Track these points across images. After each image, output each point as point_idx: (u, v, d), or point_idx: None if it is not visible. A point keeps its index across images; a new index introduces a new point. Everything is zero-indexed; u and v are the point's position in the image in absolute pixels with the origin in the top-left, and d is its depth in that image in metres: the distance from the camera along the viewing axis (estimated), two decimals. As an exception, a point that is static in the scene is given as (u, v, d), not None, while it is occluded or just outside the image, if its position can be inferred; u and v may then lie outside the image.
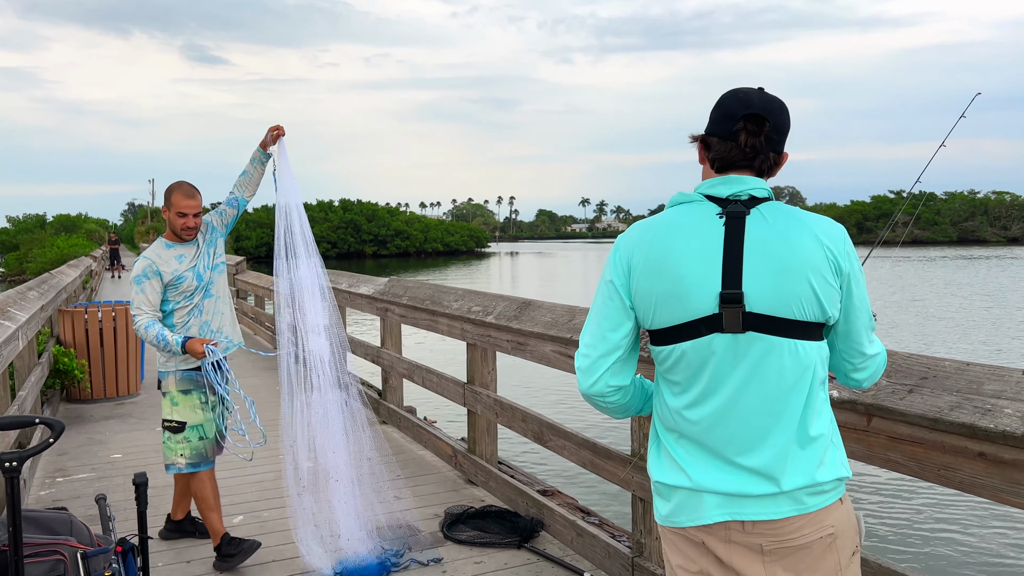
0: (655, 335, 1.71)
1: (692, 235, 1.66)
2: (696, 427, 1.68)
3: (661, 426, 1.77)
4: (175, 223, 3.82)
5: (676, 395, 1.71)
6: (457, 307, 4.99)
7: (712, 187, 1.70)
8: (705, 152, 1.74)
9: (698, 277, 1.62)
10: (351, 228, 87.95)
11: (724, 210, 1.66)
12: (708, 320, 1.62)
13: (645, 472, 3.19)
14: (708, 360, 1.64)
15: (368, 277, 7.33)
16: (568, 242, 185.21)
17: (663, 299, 1.65)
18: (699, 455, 1.69)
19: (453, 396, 5.12)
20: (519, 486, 4.38)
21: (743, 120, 1.67)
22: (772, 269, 1.60)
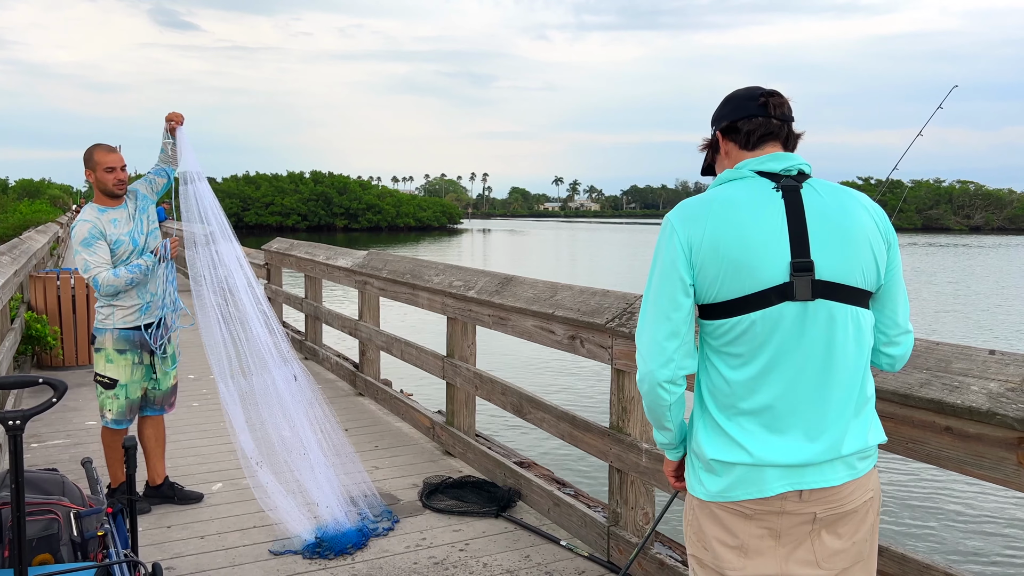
0: (717, 308, 1.72)
1: (755, 208, 1.70)
2: (758, 398, 1.71)
3: (713, 403, 1.77)
4: (105, 180, 3.93)
5: (735, 368, 1.72)
6: (438, 281, 5.04)
7: (762, 163, 1.77)
8: (731, 138, 1.82)
9: (767, 247, 1.67)
10: (322, 201, 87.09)
11: (779, 184, 1.73)
12: (778, 289, 1.67)
13: (622, 444, 3.29)
14: (776, 329, 1.68)
15: (346, 250, 7.32)
16: (541, 220, 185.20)
17: (731, 271, 1.67)
18: (759, 428, 1.72)
19: (432, 369, 5.18)
20: (497, 457, 4.47)
21: (763, 96, 1.80)
22: (836, 238, 1.69)
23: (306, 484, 3.85)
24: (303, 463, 3.84)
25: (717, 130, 1.86)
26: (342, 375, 7.13)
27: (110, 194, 3.95)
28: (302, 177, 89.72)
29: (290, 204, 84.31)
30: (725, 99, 1.87)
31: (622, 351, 3.27)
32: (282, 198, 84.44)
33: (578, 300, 3.66)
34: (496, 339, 6.20)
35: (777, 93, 1.82)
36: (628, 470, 3.27)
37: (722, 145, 1.86)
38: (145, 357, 4.02)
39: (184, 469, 4.68)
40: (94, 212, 3.94)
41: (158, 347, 4.01)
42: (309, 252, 8.00)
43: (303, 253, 8.12)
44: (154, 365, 4.06)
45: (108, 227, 3.90)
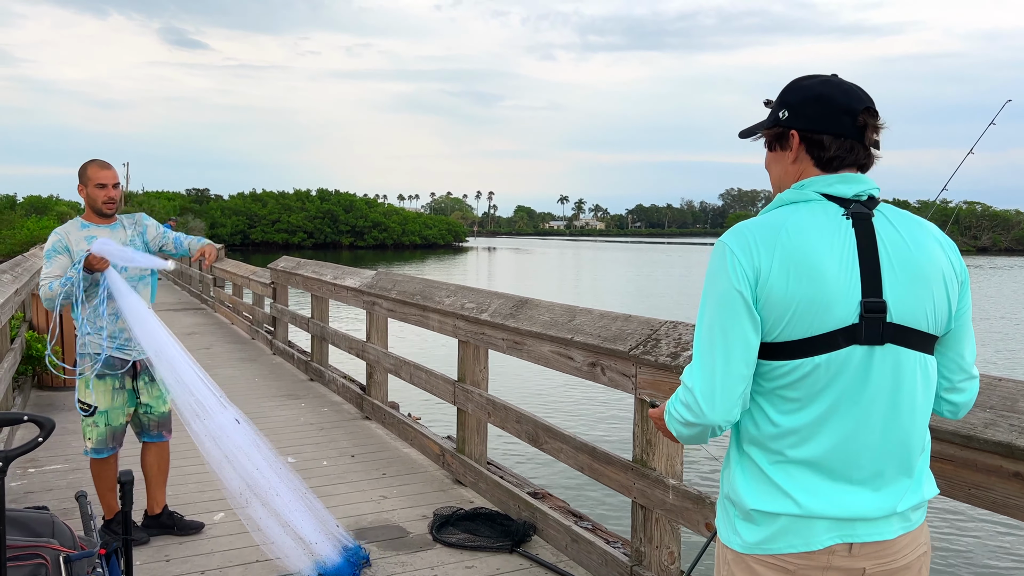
0: (777, 348, 1.53)
1: (825, 236, 1.52)
2: (812, 447, 1.55)
3: (755, 448, 1.61)
4: (95, 196, 3.76)
5: (788, 413, 1.56)
6: (449, 303, 4.88)
7: (830, 185, 1.57)
8: (810, 150, 1.60)
9: (838, 283, 1.50)
10: (328, 218, 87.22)
11: (849, 211, 1.55)
12: (847, 331, 1.50)
13: (646, 479, 3.11)
14: (840, 374, 1.52)
15: (353, 269, 7.18)
16: (546, 239, 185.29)
17: (804, 307, 1.50)
18: (810, 478, 1.56)
19: (442, 394, 5.01)
20: (510, 488, 4.29)
21: (863, 115, 1.57)
22: (908, 276, 1.53)
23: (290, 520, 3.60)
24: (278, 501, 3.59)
25: (795, 129, 1.61)
26: (348, 397, 6.96)
27: (98, 211, 3.79)
28: (308, 195, 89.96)
29: (296, 222, 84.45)
30: (816, 94, 1.58)
31: (647, 380, 3.10)
32: (288, 216, 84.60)
33: (598, 325, 3.50)
34: (509, 362, 6.03)
35: (876, 112, 1.59)
36: (653, 507, 3.09)
37: (795, 150, 1.62)
38: (127, 381, 3.84)
39: (185, 497, 4.51)
40: (71, 226, 3.79)
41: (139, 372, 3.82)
42: (316, 271, 7.86)
43: (310, 272, 7.98)
44: (137, 389, 3.87)
45: (79, 243, 3.71)
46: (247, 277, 10.86)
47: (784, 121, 1.61)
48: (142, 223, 3.98)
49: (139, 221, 3.99)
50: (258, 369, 8.66)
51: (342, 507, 4.42)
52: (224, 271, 12.87)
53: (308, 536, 3.51)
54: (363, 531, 4.09)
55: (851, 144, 1.57)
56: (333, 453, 5.50)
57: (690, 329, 3.06)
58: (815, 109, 1.58)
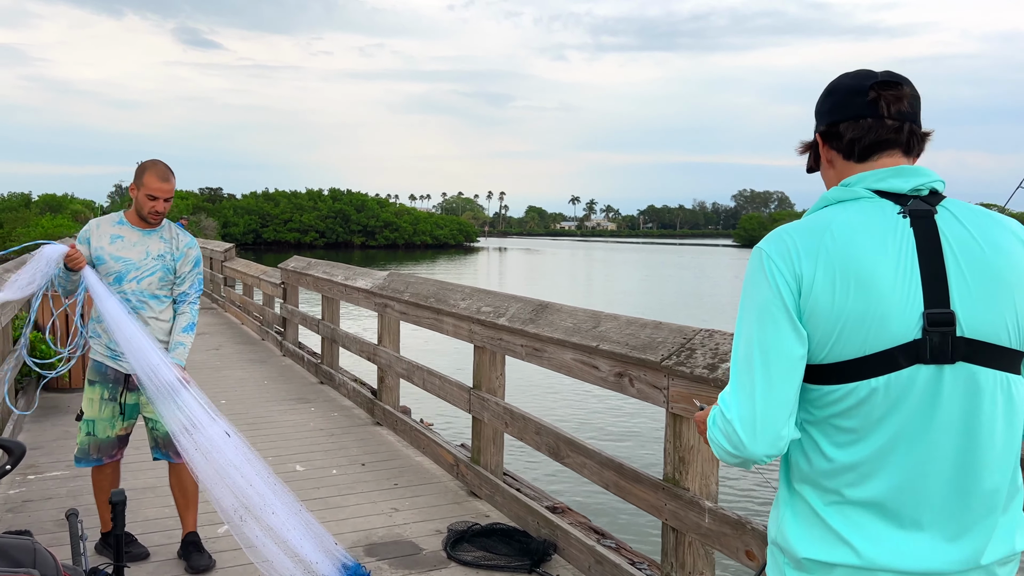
0: (827, 371, 1.34)
1: (878, 238, 1.33)
2: (873, 485, 1.34)
3: (808, 487, 1.40)
4: (143, 205, 3.52)
5: (844, 446, 1.35)
6: (465, 306, 4.67)
7: (882, 180, 1.38)
8: (833, 145, 1.45)
9: (895, 293, 1.30)
10: (340, 218, 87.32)
11: (906, 208, 1.36)
12: (908, 348, 1.29)
13: (679, 499, 2.89)
14: (903, 400, 1.31)
15: (365, 270, 6.98)
16: (557, 239, 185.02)
17: (854, 321, 1.30)
18: (872, 522, 1.35)
19: (457, 401, 4.80)
20: (528, 502, 4.07)
21: (873, 88, 1.39)
22: (982, 282, 1.32)
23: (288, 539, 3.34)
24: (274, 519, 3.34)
25: (816, 132, 1.49)
26: (359, 402, 6.76)
27: (142, 218, 3.55)
28: (320, 194, 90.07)
29: (308, 221, 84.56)
30: (827, 89, 1.47)
31: (680, 393, 2.88)
32: (300, 215, 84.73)
33: (626, 332, 3.27)
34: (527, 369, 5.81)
35: (894, 82, 1.39)
36: (686, 530, 2.86)
37: (823, 152, 1.48)
38: (121, 394, 3.56)
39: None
40: (107, 219, 3.59)
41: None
42: (327, 272, 7.67)
43: (320, 273, 7.79)
44: (140, 403, 3.57)
45: (102, 239, 3.51)
46: (257, 277, 10.69)
47: (813, 134, 1.51)
48: (184, 247, 3.63)
49: (182, 243, 3.63)
50: (267, 371, 8.48)
51: (352, 520, 4.22)
52: (234, 271, 12.71)
53: (307, 556, 3.28)
54: (374, 547, 3.88)
55: (869, 123, 1.39)
56: (343, 461, 5.30)
57: (728, 338, 2.84)
58: (826, 104, 1.46)
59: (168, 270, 3.59)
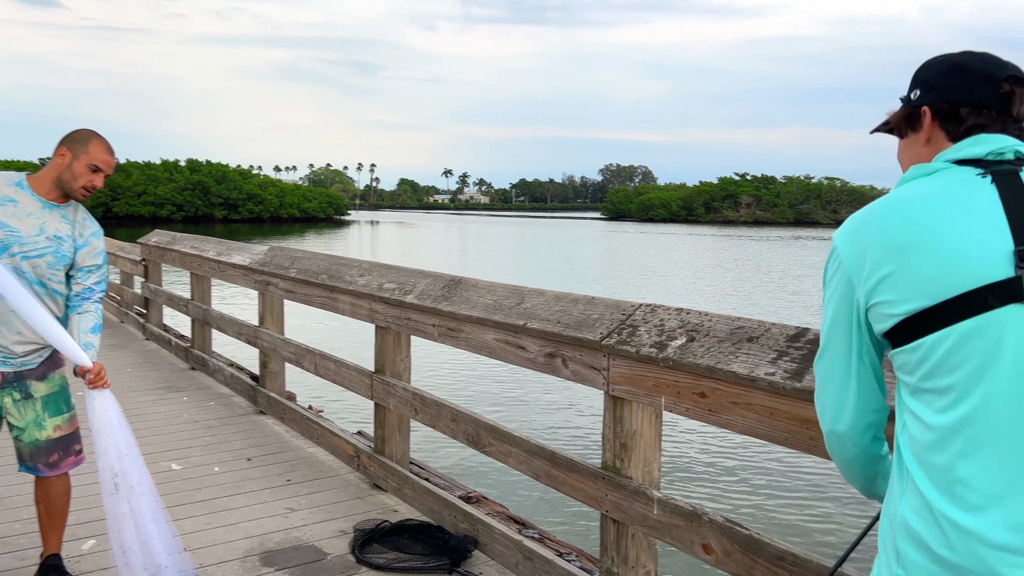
0: (905, 328, 1.25)
1: (954, 201, 1.26)
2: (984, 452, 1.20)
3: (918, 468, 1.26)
4: (78, 176, 2.87)
5: (944, 410, 1.23)
6: (364, 283, 4.25)
7: (960, 150, 1.32)
8: (944, 125, 1.36)
9: (975, 236, 1.21)
10: (199, 190, 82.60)
11: (987, 170, 1.28)
12: (999, 287, 1.19)
13: (622, 489, 2.66)
14: (1001, 344, 1.18)
15: (242, 244, 6.38)
16: (431, 212, 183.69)
17: (926, 268, 1.22)
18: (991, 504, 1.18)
19: (356, 387, 4.39)
20: (441, 494, 3.75)
21: (1008, 82, 1.32)
22: None
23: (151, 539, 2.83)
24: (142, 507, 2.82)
25: (926, 105, 1.38)
26: (238, 389, 6.19)
27: (62, 189, 2.89)
28: (177, 165, 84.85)
29: (164, 194, 79.47)
30: (952, 64, 1.37)
31: (622, 375, 2.63)
32: (156, 187, 79.49)
33: (555, 309, 3.00)
34: (435, 349, 5.44)
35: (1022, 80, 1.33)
36: (631, 523, 2.64)
37: (926, 128, 1.38)
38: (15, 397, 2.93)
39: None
40: (4, 183, 2.87)
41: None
42: (196, 247, 6.97)
43: (188, 248, 7.08)
44: (3, 407, 2.93)
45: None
46: (113, 253, 9.70)
47: (916, 100, 1.40)
48: (89, 236, 2.97)
49: (88, 231, 2.97)
50: (129, 357, 7.68)
51: (243, 525, 3.76)
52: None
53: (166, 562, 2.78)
54: (271, 555, 3.46)
55: (995, 115, 1.33)
56: (226, 456, 4.78)
57: (672, 314, 2.62)
58: (949, 80, 1.36)
59: (62, 257, 2.90)
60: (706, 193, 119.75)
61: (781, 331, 2.29)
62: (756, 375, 2.19)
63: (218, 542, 3.57)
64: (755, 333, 2.33)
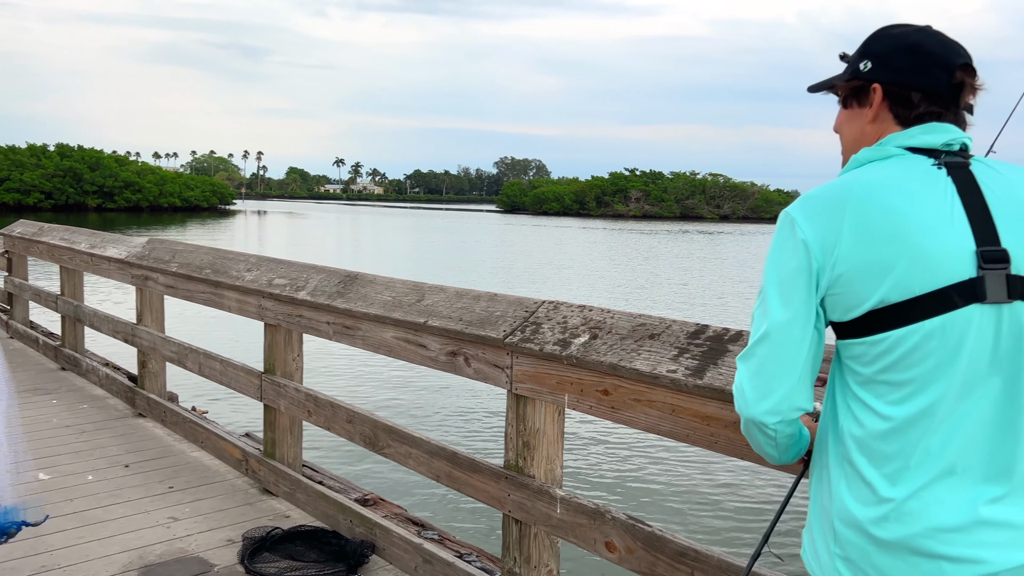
0: (870, 320, 1.26)
1: (914, 189, 1.28)
2: (935, 443, 1.24)
3: (861, 456, 1.29)
4: None
5: (899, 402, 1.25)
6: (252, 278, 4.05)
7: (913, 136, 1.34)
8: (894, 108, 1.37)
9: (941, 234, 1.24)
10: (70, 177, 77.48)
11: (941, 160, 1.31)
12: (962, 287, 1.22)
13: (525, 489, 2.63)
14: (961, 342, 1.22)
15: (118, 236, 5.97)
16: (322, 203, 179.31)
17: (888, 268, 1.23)
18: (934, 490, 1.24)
19: (244, 388, 4.18)
20: (335, 497, 3.62)
21: (961, 71, 1.33)
22: None
23: None
24: None
25: (877, 83, 1.38)
26: (115, 391, 5.80)
27: None
28: (45, 150, 79.28)
29: (31, 180, 74.09)
30: (910, 44, 1.35)
31: (526, 373, 2.59)
32: (21, 173, 73.97)
33: (457, 306, 2.93)
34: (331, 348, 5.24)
35: (975, 70, 1.35)
36: (533, 522, 2.61)
37: (875, 106, 1.39)
38: None
39: None
40: None
41: None
42: (66, 239, 6.48)
43: (57, 240, 6.57)
44: None
45: None
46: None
47: (866, 73, 1.39)
48: None
49: None
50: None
51: (120, 537, 3.51)
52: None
53: None
54: (151, 569, 3.24)
55: (944, 103, 1.35)
56: (101, 463, 4.46)
57: (575, 311, 2.60)
58: (905, 60, 1.36)
59: None
60: (598, 187, 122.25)
61: (682, 328, 2.30)
62: (658, 372, 2.19)
63: (92, 557, 3.32)
64: (657, 330, 2.34)
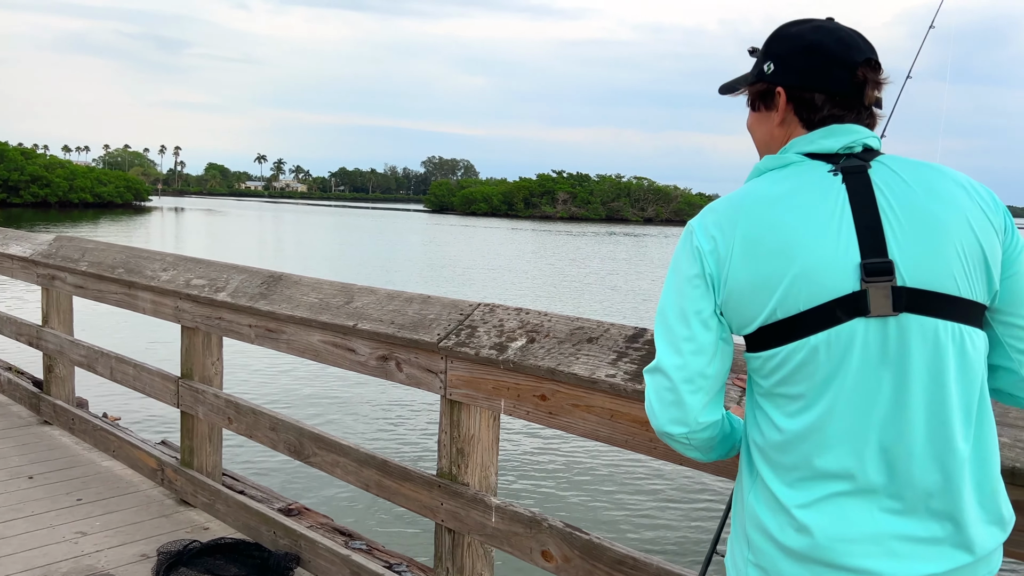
0: (762, 335, 1.27)
1: (805, 201, 1.26)
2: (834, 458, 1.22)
3: (766, 467, 1.30)
4: None
5: (794, 415, 1.26)
6: (168, 278, 3.84)
7: (812, 142, 1.32)
8: (798, 110, 1.34)
9: (826, 248, 1.22)
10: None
11: (837, 166, 1.28)
12: (847, 301, 1.21)
13: (459, 497, 2.55)
14: (847, 356, 1.21)
15: (21, 233, 5.61)
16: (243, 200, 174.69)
17: (775, 284, 1.23)
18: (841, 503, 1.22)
19: (160, 393, 3.96)
20: (258, 508, 3.46)
21: (863, 68, 1.30)
22: (923, 229, 1.23)
23: None
24: None
25: (781, 87, 1.35)
26: (17, 397, 5.44)
27: None
28: (-58, 140, 74.80)
29: (-75, 172, 69.84)
30: (808, 45, 1.32)
31: (461, 378, 2.51)
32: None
33: (388, 309, 2.82)
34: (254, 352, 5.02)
35: (878, 65, 1.32)
36: (467, 532, 2.53)
37: (780, 110, 1.36)
38: None
39: None
40: None
41: None
42: (-37, 235, 6.05)
43: (-47, 236, 6.13)
44: None
45: None
46: None
47: (769, 76, 1.37)
48: None
49: None
50: None
51: (23, 555, 3.27)
52: None
53: None
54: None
55: (848, 102, 1.32)
56: (1, 475, 4.16)
57: (511, 313, 2.54)
58: (805, 61, 1.33)
59: None
60: (525, 189, 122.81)
61: (620, 331, 2.27)
62: (597, 377, 2.15)
63: (-11, 580, 3.08)
64: (595, 334, 2.29)
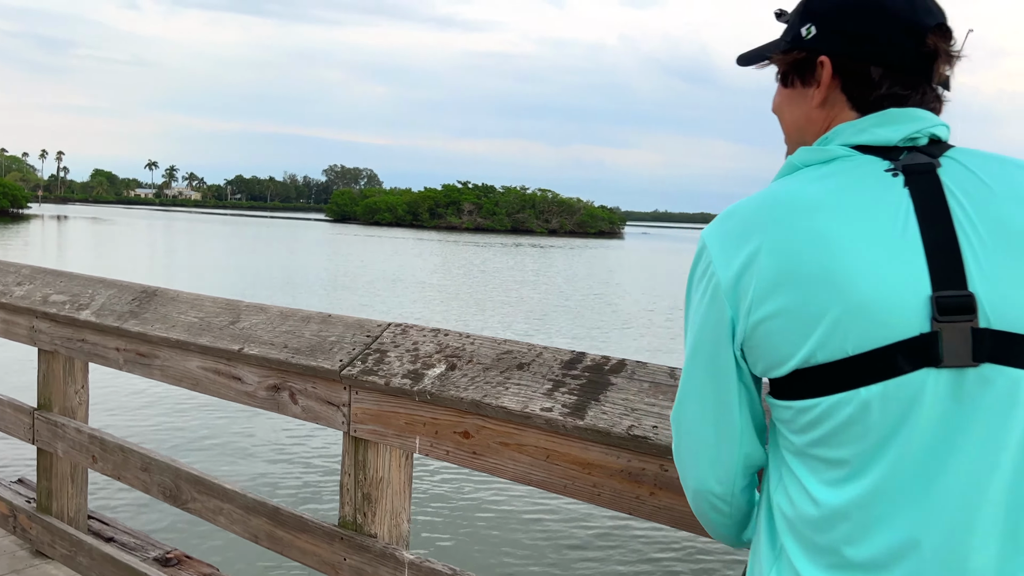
0: (796, 381, 0.98)
1: (855, 209, 0.96)
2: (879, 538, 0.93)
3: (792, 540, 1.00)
4: None
5: (834, 485, 0.96)
6: (22, 294, 3.30)
7: (864, 131, 1.01)
8: (847, 85, 1.03)
9: (884, 274, 0.93)
10: None
11: (898, 164, 0.98)
12: (911, 346, 0.91)
13: (366, 552, 2.19)
14: (908, 418, 0.92)
15: None
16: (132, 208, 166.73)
17: (816, 319, 0.94)
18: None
19: (12, 428, 3.40)
20: (127, 561, 2.96)
21: (934, 35, 1.00)
22: (1011, 250, 0.94)
23: None
24: None
25: (825, 55, 1.04)
26: None
27: None
28: None
29: None
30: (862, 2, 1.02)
31: (367, 412, 2.15)
32: None
33: (281, 330, 2.43)
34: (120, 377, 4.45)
35: (951, 32, 1.02)
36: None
37: (824, 86, 1.05)
38: None
39: None
40: None
41: None
42: None
43: None
44: None
45: None
46: None
47: (809, 41, 1.06)
48: None
49: None
50: None
51: None
52: None
53: None
54: None
55: (913, 80, 1.02)
56: None
57: (428, 336, 2.19)
58: (859, 24, 1.02)
59: None
60: (431, 199, 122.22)
61: (554, 356, 1.96)
62: (531, 411, 1.83)
63: None
64: (526, 359, 1.98)
